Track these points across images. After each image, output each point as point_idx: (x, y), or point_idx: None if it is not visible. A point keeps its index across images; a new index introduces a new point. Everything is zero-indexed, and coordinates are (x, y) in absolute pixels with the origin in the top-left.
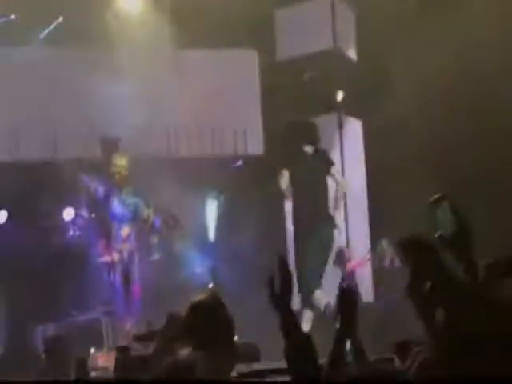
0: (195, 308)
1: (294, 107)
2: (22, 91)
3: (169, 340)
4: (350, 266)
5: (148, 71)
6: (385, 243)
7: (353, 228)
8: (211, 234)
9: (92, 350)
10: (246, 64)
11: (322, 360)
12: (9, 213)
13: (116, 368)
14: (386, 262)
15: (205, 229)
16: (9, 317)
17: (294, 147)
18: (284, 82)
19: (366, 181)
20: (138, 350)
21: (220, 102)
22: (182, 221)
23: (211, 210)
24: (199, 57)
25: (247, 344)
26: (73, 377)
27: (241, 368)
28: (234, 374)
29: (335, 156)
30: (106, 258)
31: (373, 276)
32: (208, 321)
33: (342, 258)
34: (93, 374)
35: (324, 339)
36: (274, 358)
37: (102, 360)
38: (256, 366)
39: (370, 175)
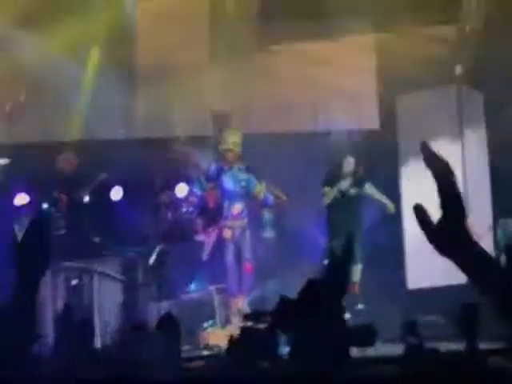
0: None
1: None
2: None
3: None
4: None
5: None
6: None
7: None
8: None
9: (204, 328)
10: None
11: None
12: (124, 189)
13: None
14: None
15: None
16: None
17: None
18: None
19: (489, 158)
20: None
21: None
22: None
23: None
24: None
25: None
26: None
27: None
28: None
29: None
30: (214, 236)
31: None
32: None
33: None
34: (204, 352)
35: None
36: None
37: (214, 338)
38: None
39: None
